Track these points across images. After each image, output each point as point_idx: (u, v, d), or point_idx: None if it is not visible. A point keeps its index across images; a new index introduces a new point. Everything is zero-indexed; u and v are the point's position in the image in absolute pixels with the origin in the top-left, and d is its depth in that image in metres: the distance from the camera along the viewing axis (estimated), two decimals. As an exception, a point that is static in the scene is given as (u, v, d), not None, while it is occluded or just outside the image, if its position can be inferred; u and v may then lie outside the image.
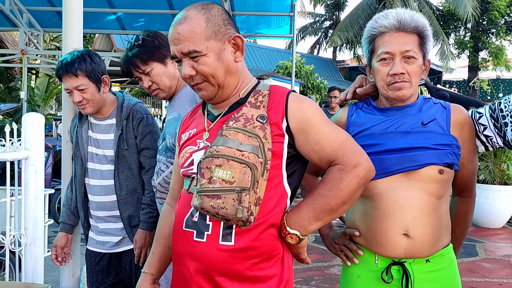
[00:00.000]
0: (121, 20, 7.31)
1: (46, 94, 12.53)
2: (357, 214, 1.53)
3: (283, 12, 6.81)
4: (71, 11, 2.28)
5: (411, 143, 1.45)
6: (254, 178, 1.20)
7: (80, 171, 2.13)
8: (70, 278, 2.41)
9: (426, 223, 1.43)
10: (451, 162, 1.44)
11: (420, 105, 1.52)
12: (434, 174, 1.43)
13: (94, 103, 2.06)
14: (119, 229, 2.13)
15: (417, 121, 1.48)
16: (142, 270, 1.48)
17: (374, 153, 1.45)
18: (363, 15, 23.28)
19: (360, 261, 1.53)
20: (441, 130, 1.46)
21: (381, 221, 1.46)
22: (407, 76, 1.45)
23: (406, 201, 1.43)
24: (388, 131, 1.49)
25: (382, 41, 1.47)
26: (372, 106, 1.58)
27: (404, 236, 1.43)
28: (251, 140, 1.22)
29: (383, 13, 1.51)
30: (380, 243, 1.46)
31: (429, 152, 1.43)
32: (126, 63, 1.96)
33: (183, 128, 1.49)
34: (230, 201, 1.19)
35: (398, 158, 1.44)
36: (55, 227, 2.98)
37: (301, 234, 1.28)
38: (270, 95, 1.33)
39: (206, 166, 1.22)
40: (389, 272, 1.46)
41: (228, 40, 1.31)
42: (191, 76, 1.31)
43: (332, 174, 1.26)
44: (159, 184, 1.89)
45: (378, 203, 1.46)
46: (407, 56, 1.44)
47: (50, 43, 17.16)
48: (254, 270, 1.27)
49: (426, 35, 1.47)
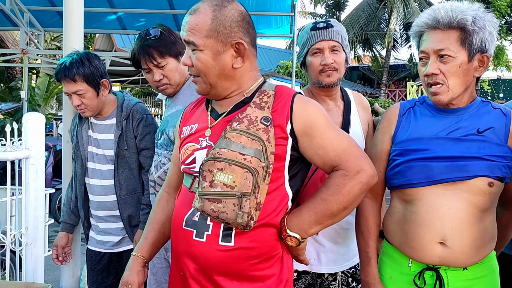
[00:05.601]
0: (122, 20, 7.30)
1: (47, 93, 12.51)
2: (396, 217, 1.47)
3: (284, 12, 6.79)
4: (71, 11, 2.28)
5: (463, 152, 1.35)
6: (255, 183, 1.19)
7: (80, 171, 2.13)
8: (71, 277, 2.41)
9: (465, 234, 1.35)
10: (503, 175, 1.34)
11: (477, 109, 1.41)
12: (483, 186, 1.33)
13: (92, 107, 2.05)
14: (119, 229, 2.13)
15: (472, 128, 1.37)
16: (133, 253, 1.46)
17: (421, 159, 1.38)
18: (364, 15, 23.26)
19: (393, 262, 1.48)
20: (497, 140, 1.36)
21: (418, 227, 1.39)
22: (442, 76, 1.35)
23: (448, 210, 1.35)
24: (439, 136, 1.39)
25: (421, 40, 1.40)
26: (426, 104, 1.48)
27: (440, 245, 1.36)
28: (254, 143, 1.21)
29: (426, 10, 1.43)
30: (413, 248, 1.40)
31: (481, 163, 1.33)
32: (142, 52, 1.88)
33: (184, 120, 1.47)
34: (231, 206, 1.19)
35: (447, 167, 1.35)
36: (56, 227, 2.99)
37: (301, 237, 1.28)
38: (275, 96, 1.31)
39: (208, 169, 1.22)
40: (422, 276, 1.40)
41: (231, 44, 1.29)
42: (186, 65, 1.33)
43: (334, 179, 1.26)
44: (159, 178, 1.88)
45: (419, 209, 1.39)
46: (441, 55, 1.34)
47: (50, 42, 17.15)
48: (253, 270, 1.27)
49: (469, 29, 1.33)
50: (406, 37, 24.55)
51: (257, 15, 7.22)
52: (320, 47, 1.68)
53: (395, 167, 1.45)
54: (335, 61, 1.68)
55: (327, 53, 1.68)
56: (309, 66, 1.73)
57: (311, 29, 1.71)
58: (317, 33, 1.68)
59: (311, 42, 1.70)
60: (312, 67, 1.71)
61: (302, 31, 1.78)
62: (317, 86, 1.72)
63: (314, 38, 1.69)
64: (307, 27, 1.75)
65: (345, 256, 1.75)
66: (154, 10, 6.76)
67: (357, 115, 1.79)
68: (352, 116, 1.77)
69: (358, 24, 22.84)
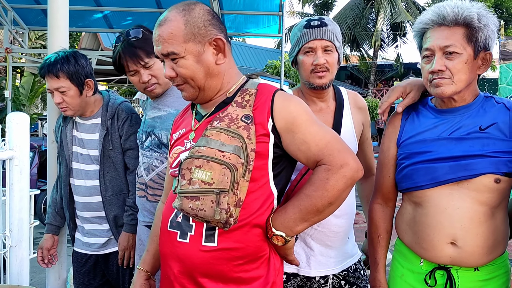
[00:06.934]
0: (108, 18, 7.24)
1: (32, 93, 12.36)
2: (406, 218, 1.48)
3: (272, 12, 6.81)
4: (56, 9, 2.24)
5: (466, 151, 1.34)
6: (234, 179, 1.18)
7: (65, 171, 2.10)
8: (56, 280, 2.38)
9: (476, 233, 1.34)
10: (509, 171, 1.33)
11: (479, 106, 1.40)
12: (489, 183, 1.33)
13: (74, 107, 2.01)
14: (105, 230, 2.11)
15: (474, 126, 1.37)
16: (137, 266, 1.50)
17: (425, 161, 1.39)
18: (351, 15, 23.44)
19: (405, 260, 1.49)
20: (501, 136, 1.34)
21: (427, 228, 1.39)
22: (448, 73, 1.35)
23: (456, 210, 1.35)
24: (441, 137, 1.39)
25: (425, 37, 1.40)
26: (428, 106, 1.49)
27: (451, 245, 1.36)
28: (234, 140, 1.21)
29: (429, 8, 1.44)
30: (425, 249, 1.41)
31: (485, 160, 1.33)
32: (127, 54, 1.83)
33: (174, 127, 1.48)
34: (209, 203, 1.18)
35: (451, 167, 1.35)
36: (41, 228, 2.94)
37: (286, 235, 1.26)
38: (257, 94, 1.31)
39: (187, 167, 1.21)
40: (433, 276, 1.40)
41: (209, 42, 1.29)
42: (171, 77, 1.31)
43: (318, 174, 1.24)
44: (151, 180, 1.85)
45: (427, 210, 1.39)
46: (448, 52, 1.34)
47: (35, 41, 16.95)
48: (238, 271, 1.25)
49: (475, 26, 1.33)
50: (393, 37, 24.79)
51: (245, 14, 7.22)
52: (313, 46, 1.64)
53: (402, 171, 1.47)
54: (328, 61, 1.64)
55: (320, 53, 1.63)
56: (301, 65, 1.69)
57: (305, 26, 1.66)
58: (310, 32, 1.64)
59: (303, 41, 1.65)
60: (303, 66, 1.67)
61: (295, 28, 1.73)
62: (308, 87, 1.69)
63: (307, 36, 1.64)
64: (301, 23, 1.70)
65: (336, 259, 1.73)
66: (141, 8, 6.73)
67: (350, 115, 1.76)
68: (345, 117, 1.74)
69: (346, 24, 23.00)
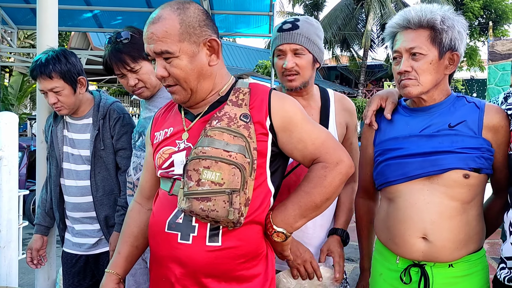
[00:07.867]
0: (98, 18, 7.20)
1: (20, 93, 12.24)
2: (381, 215, 1.53)
3: (262, 12, 6.82)
4: (45, 8, 2.23)
5: (436, 147, 1.39)
6: (244, 178, 1.19)
7: (55, 171, 2.09)
8: (46, 281, 2.36)
9: (446, 228, 1.38)
10: (478, 166, 1.37)
11: (450, 105, 1.45)
12: (458, 178, 1.37)
13: (69, 105, 2.01)
14: (95, 231, 2.10)
15: (444, 123, 1.42)
16: (106, 270, 1.43)
17: (397, 157, 1.44)
18: (341, 15, 23.53)
19: (383, 259, 1.53)
20: (470, 133, 1.39)
21: (399, 223, 1.43)
22: (414, 73, 1.40)
23: (426, 205, 1.39)
24: (412, 134, 1.44)
25: (395, 40, 1.46)
26: (401, 106, 1.54)
27: (422, 240, 1.40)
28: (237, 140, 1.21)
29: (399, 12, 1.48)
30: (397, 244, 1.44)
31: (454, 156, 1.37)
32: (114, 59, 1.84)
33: (155, 125, 1.45)
34: (221, 203, 1.18)
35: (420, 163, 1.40)
36: (30, 229, 2.92)
37: (287, 231, 1.29)
38: (251, 93, 1.32)
39: (193, 168, 1.20)
40: (408, 273, 1.44)
41: (203, 43, 1.27)
42: (163, 77, 1.28)
43: (316, 171, 1.28)
44: (138, 180, 1.86)
45: (398, 205, 1.44)
46: (413, 53, 1.40)
47: (24, 40, 16.78)
48: (240, 269, 1.27)
49: (439, 28, 1.39)
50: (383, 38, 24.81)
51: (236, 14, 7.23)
52: (283, 49, 1.65)
53: (377, 167, 1.52)
54: (297, 64, 1.64)
55: (289, 56, 1.64)
56: (275, 68, 1.72)
57: (278, 29, 1.68)
58: (281, 35, 1.65)
59: (275, 44, 1.68)
60: (276, 69, 1.71)
61: (273, 29, 1.76)
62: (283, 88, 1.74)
63: (278, 40, 1.66)
64: (278, 25, 1.73)
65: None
66: (131, 8, 6.70)
67: (333, 117, 1.77)
68: (330, 119, 1.75)
69: (336, 24, 23.08)
